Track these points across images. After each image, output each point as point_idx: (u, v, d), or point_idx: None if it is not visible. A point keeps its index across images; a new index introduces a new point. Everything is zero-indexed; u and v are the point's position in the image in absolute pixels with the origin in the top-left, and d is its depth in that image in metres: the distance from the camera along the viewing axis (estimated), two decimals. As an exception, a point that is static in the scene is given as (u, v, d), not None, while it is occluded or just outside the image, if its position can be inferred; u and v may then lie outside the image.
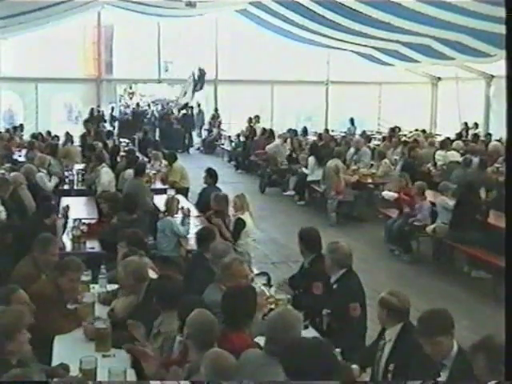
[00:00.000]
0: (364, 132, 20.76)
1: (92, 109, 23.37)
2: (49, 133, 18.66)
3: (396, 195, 11.31)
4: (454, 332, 4.15)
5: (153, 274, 5.70)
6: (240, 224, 8.77)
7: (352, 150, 15.51)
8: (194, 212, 9.76)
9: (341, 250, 5.60)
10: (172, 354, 4.52)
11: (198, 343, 3.99)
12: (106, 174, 11.26)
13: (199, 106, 24.77)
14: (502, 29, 3.64)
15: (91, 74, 25.08)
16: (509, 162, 3.48)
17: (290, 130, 20.26)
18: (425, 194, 10.70)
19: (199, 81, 23.47)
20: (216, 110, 25.36)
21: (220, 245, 6.18)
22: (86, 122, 21.08)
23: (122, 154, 14.15)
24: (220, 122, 24.97)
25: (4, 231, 7.53)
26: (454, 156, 14.16)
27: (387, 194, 11.80)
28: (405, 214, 10.80)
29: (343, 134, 20.86)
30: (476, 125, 21.27)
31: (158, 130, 24.18)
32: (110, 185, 11.06)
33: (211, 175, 10.65)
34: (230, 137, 23.13)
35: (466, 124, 21.38)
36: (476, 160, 12.73)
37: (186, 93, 24.44)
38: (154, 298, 4.87)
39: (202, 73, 23.31)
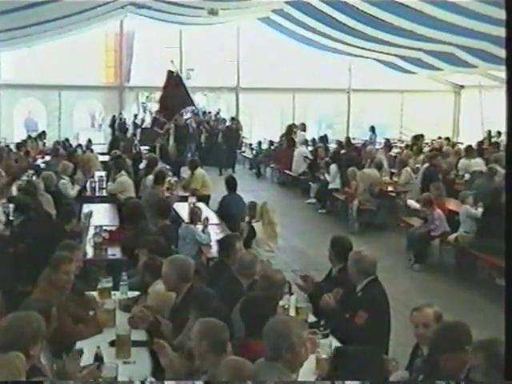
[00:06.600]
0: (388, 140, 20.55)
1: (113, 116, 23.48)
2: (67, 140, 18.78)
3: (417, 205, 11.22)
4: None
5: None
6: (249, 232, 8.78)
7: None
8: (215, 219, 9.77)
9: (366, 259, 5.57)
10: None
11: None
12: (121, 181, 11.33)
13: (218, 113, 24.61)
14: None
15: (113, 81, 25.25)
16: (509, 165, 3.42)
17: (321, 138, 20.25)
18: (433, 203, 10.53)
19: None
20: (233, 118, 24.28)
21: (246, 255, 6.05)
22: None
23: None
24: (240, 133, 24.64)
25: (16, 240, 7.53)
26: (478, 165, 13.95)
27: (411, 203, 11.67)
28: (424, 223, 10.75)
29: (364, 142, 20.79)
30: (499, 133, 21.04)
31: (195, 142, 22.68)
32: (123, 191, 11.13)
33: (229, 183, 10.66)
34: (250, 144, 23.09)
35: (489, 132, 21.18)
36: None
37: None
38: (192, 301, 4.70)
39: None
